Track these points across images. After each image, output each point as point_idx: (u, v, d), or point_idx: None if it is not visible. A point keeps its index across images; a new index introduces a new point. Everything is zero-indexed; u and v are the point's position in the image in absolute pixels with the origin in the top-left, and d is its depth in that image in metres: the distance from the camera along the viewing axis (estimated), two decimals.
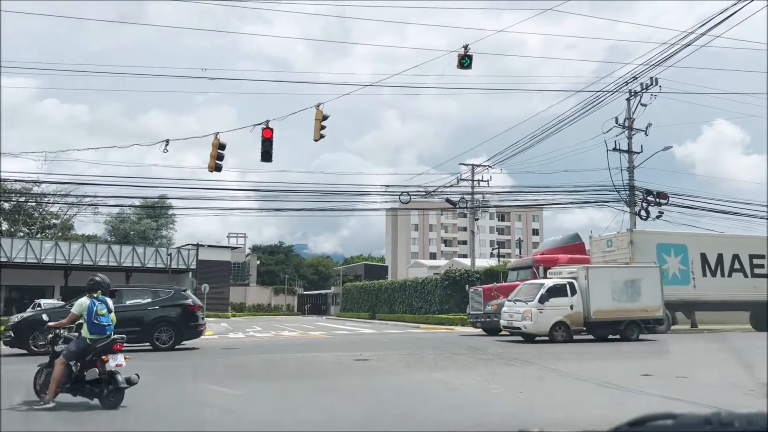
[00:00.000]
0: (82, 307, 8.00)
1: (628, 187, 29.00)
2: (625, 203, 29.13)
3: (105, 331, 8.02)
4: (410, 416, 7.25)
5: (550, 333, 18.83)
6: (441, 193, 35.40)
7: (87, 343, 7.89)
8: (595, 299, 19.47)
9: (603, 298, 19.51)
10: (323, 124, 16.78)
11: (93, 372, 7.78)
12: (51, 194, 48.33)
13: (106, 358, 7.82)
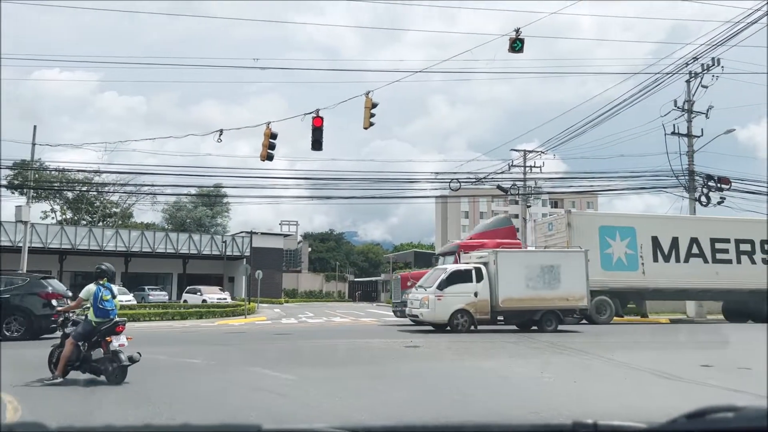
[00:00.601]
0: (89, 293, 8.73)
1: (687, 172, 27.98)
2: (685, 189, 28.14)
3: (109, 315, 8.73)
4: (461, 403, 7.21)
5: (449, 321, 17.57)
6: (492, 179, 34.94)
7: (93, 325, 8.60)
8: (505, 286, 18.02)
9: (514, 284, 18.05)
10: (372, 112, 16.77)
11: (98, 351, 8.56)
12: (111, 183, 50.05)
13: (110, 339, 8.55)
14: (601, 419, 1.37)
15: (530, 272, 18.29)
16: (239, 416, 6.40)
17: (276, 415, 6.57)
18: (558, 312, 18.31)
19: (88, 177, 46.05)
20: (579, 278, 18.58)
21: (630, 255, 22.54)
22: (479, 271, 18.22)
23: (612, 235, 22.46)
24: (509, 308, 18.09)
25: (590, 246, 21.24)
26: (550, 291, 18.22)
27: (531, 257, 19.29)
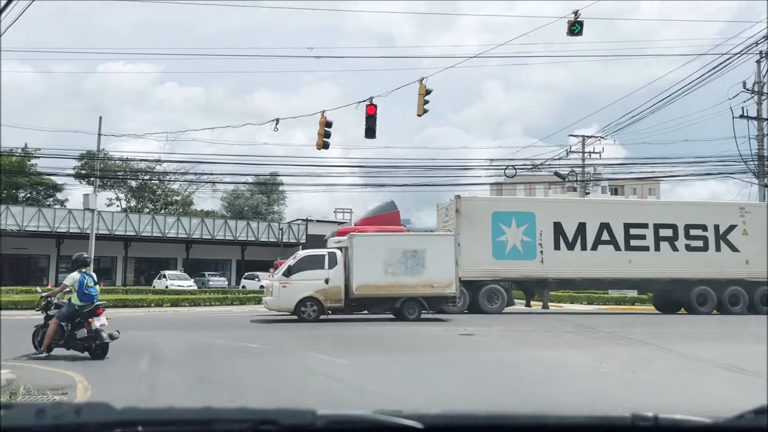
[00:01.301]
0: (73, 280, 9.74)
1: (756, 157, 26.72)
2: (754, 174, 26.88)
3: (93, 300, 9.83)
4: (516, 392, 7.15)
5: (296, 310, 16.59)
6: (549, 166, 34.28)
7: (75, 308, 9.66)
8: (360, 272, 16.83)
9: (372, 270, 16.84)
10: (426, 99, 16.67)
11: (82, 331, 9.62)
12: (172, 172, 51.55)
13: (92, 320, 9.63)
14: (661, 412, 1.32)
15: (390, 257, 17.04)
16: (295, 399, 6.53)
17: (331, 399, 6.67)
18: (421, 299, 17.12)
19: (151, 166, 47.58)
20: (446, 264, 17.23)
21: (527, 242, 20.79)
22: (333, 257, 17.12)
23: (507, 222, 20.77)
24: (365, 295, 16.98)
25: (482, 233, 20.30)
26: (413, 277, 16.99)
27: (391, 242, 17.67)
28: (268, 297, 17.03)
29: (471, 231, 20.23)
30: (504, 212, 20.96)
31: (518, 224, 20.73)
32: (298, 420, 1.22)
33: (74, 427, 1.19)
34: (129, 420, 1.23)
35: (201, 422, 1.22)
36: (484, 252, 20.28)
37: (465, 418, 1.24)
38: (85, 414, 1.21)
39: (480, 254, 20.21)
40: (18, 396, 6.85)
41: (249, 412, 1.26)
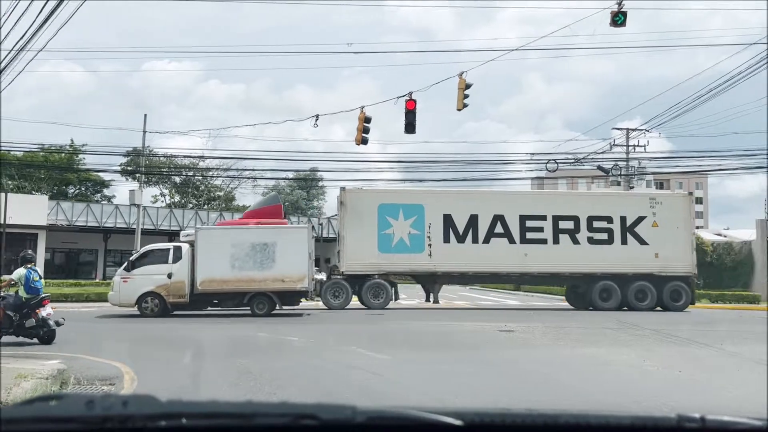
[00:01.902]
0: (20, 275, 10.79)
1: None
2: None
3: (39, 292, 10.84)
4: (558, 390, 7.07)
5: (137, 305, 16.17)
6: (592, 160, 33.67)
7: (23, 300, 10.67)
8: (205, 266, 16.36)
9: (218, 265, 16.36)
10: (466, 93, 16.55)
11: (31, 321, 10.56)
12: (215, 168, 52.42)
13: (39, 311, 10.60)
14: (709, 413, 1.29)
15: (238, 251, 16.56)
16: (335, 393, 6.58)
17: (371, 394, 6.71)
18: (271, 294, 16.69)
19: (194, 162, 48.50)
20: (299, 257, 16.71)
21: (415, 235, 20.00)
22: (178, 251, 16.75)
23: (394, 214, 19.97)
24: (211, 290, 16.58)
25: (368, 226, 19.71)
26: (262, 272, 16.52)
27: (238, 235, 17.04)
28: (111, 292, 16.83)
29: (356, 224, 19.83)
30: (391, 204, 20.24)
31: (406, 217, 20.05)
32: (338, 415, 1.23)
33: (122, 418, 1.22)
34: (173, 412, 1.26)
35: (243, 416, 1.24)
36: (369, 245, 19.73)
37: (505, 416, 1.23)
38: (132, 406, 1.25)
39: (365, 248, 19.71)
40: (68, 386, 7.09)
41: (290, 406, 1.27)
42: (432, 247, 19.98)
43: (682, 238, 20.34)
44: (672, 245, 20.20)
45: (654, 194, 21.89)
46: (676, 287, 20.01)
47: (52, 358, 8.57)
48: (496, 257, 20.09)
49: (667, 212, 20.54)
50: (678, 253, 20.21)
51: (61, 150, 44.07)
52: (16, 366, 7.44)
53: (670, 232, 20.26)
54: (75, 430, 1.21)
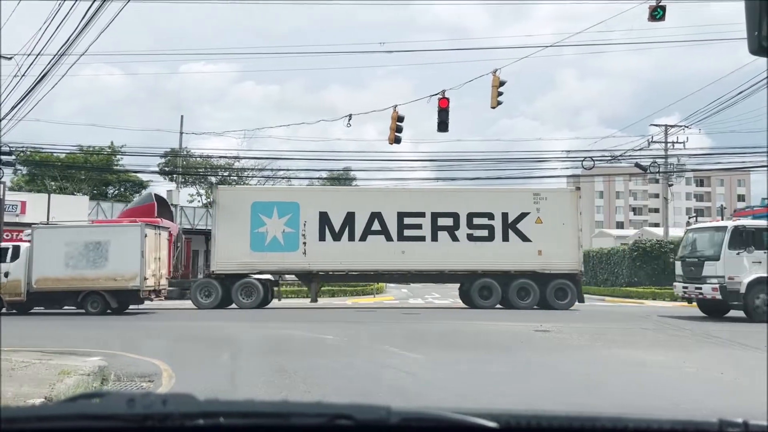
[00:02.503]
0: None
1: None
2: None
3: None
4: (595, 392, 6.96)
5: None
6: (629, 157, 33.05)
7: None
8: (40, 265, 16.50)
9: (52, 263, 16.45)
10: (500, 90, 16.42)
11: None
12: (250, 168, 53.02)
13: None
14: (752, 418, 1.25)
15: (72, 250, 16.63)
16: (369, 393, 6.60)
17: (404, 393, 6.71)
18: (104, 293, 16.70)
19: (229, 162, 49.14)
20: (131, 256, 16.62)
21: (289, 233, 19.62)
22: (16, 250, 16.98)
23: (268, 212, 19.63)
24: (46, 289, 16.70)
25: (240, 224, 19.36)
26: (95, 270, 16.54)
27: (72, 233, 17.23)
28: None
29: (228, 222, 19.55)
30: (265, 202, 19.92)
31: (280, 215, 19.67)
32: (373, 415, 1.24)
33: (161, 416, 1.25)
34: (211, 411, 1.28)
35: (279, 415, 1.26)
36: (241, 244, 19.43)
37: (541, 418, 1.22)
38: (171, 404, 1.28)
39: (236, 246, 19.41)
40: (109, 382, 7.26)
41: (325, 406, 1.28)
42: (307, 245, 19.66)
43: (567, 234, 19.65)
44: (557, 242, 19.54)
45: (539, 190, 21.11)
46: (560, 285, 19.41)
47: (93, 354, 8.79)
48: (373, 255, 19.70)
49: (552, 208, 19.85)
50: (563, 250, 19.56)
51: (100, 152, 45.11)
52: (59, 362, 7.66)
53: (555, 229, 19.61)
54: (116, 428, 1.24)
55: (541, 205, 19.77)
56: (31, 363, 7.55)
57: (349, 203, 20.18)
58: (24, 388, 6.09)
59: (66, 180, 41.13)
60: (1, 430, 1.26)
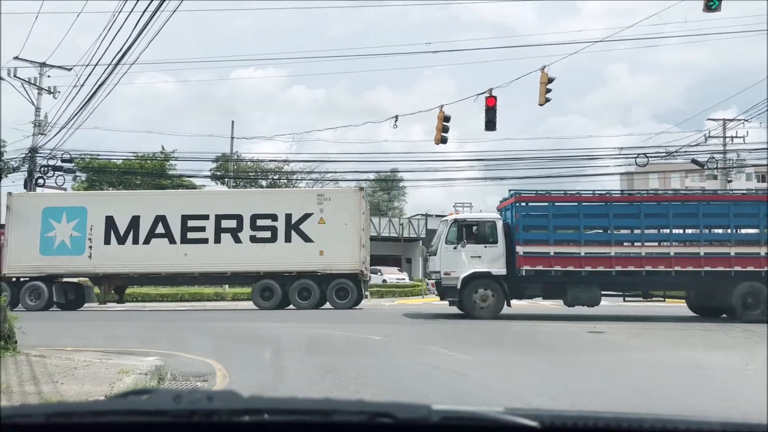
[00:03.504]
0: None
1: None
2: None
3: None
4: (648, 393, 6.77)
5: None
6: (685, 153, 32.04)
7: None
8: None
9: None
10: (549, 87, 16.18)
11: None
12: (299, 171, 53.75)
13: None
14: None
15: None
16: (418, 393, 6.59)
17: (454, 393, 6.67)
18: None
19: (279, 166, 49.93)
20: None
21: (76, 237, 19.99)
22: None
23: (57, 217, 20.02)
24: None
25: (31, 229, 19.84)
26: None
27: None
28: None
29: (20, 227, 20.07)
30: (55, 207, 20.38)
31: (69, 219, 20.10)
32: (413, 414, 1.24)
33: (207, 412, 1.28)
34: (256, 408, 1.31)
35: (321, 412, 1.27)
36: (31, 248, 19.91)
37: (584, 418, 1.19)
38: (216, 401, 1.31)
39: (27, 251, 19.89)
40: (165, 381, 7.46)
41: (366, 404, 1.29)
42: (93, 249, 20.10)
43: (349, 234, 19.70)
44: (339, 242, 19.61)
45: (323, 191, 21.95)
46: (341, 285, 19.47)
47: (150, 354, 9.06)
48: (156, 258, 19.94)
49: (335, 209, 19.93)
50: (344, 250, 19.60)
51: (154, 157, 46.47)
52: (118, 362, 7.92)
53: (337, 229, 19.68)
54: (164, 423, 1.28)
55: (325, 205, 19.98)
56: (92, 362, 7.83)
57: (134, 207, 20.59)
58: (86, 386, 6.32)
59: (123, 185, 42.53)
60: (58, 425, 1.32)
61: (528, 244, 16.00)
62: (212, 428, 1.27)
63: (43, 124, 26.01)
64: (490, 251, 16.07)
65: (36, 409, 1.46)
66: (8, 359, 7.61)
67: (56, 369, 7.18)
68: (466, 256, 16.01)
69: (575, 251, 15.90)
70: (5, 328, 8.13)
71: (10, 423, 1.30)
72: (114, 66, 13.11)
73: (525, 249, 15.91)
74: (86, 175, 42.13)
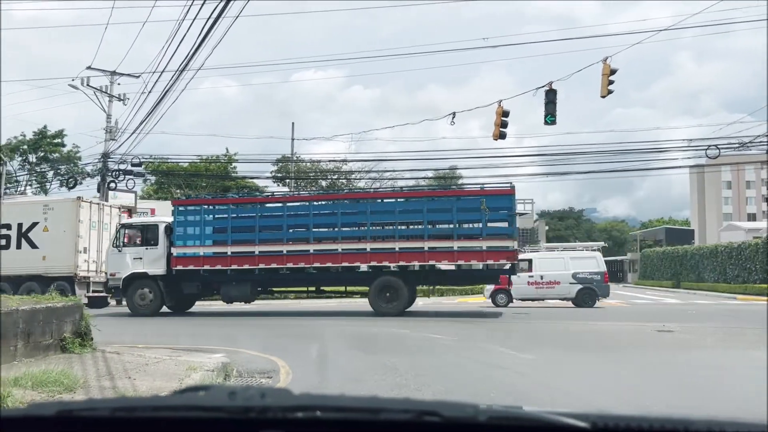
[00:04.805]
0: None
1: None
2: None
3: None
4: (719, 396, 6.50)
5: None
6: (760, 143, 30.52)
7: None
8: None
9: None
10: (611, 79, 15.74)
11: None
12: (357, 171, 54.18)
13: None
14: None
15: None
16: (478, 393, 6.54)
17: (514, 393, 6.59)
18: None
19: (338, 166, 50.47)
20: None
21: None
22: None
23: None
24: None
25: None
26: None
27: None
28: None
29: None
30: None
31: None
32: (460, 413, 1.24)
33: (261, 409, 1.32)
34: (309, 405, 1.34)
35: (369, 410, 1.29)
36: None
37: (635, 420, 1.16)
38: (269, 398, 1.35)
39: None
40: (231, 378, 7.68)
41: (413, 402, 1.30)
42: None
43: (67, 241, 20.96)
44: (59, 248, 20.91)
45: (47, 201, 23.25)
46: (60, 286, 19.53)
47: (217, 352, 9.34)
48: None
49: (58, 218, 21.34)
50: (63, 255, 20.88)
51: (217, 160, 47.79)
52: (187, 359, 8.21)
53: (58, 236, 21.09)
54: (220, 419, 1.33)
55: (49, 215, 21.46)
56: (162, 359, 8.15)
57: None
58: (156, 382, 6.60)
59: (189, 188, 43.96)
60: (122, 418, 1.39)
61: (181, 245, 17.60)
62: (265, 424, 1.31)
63: (114, 130, 27.19)
64: (151, 253, 17.81)
65: (101, 403, 1.55)
66: (87, 356, 8.02)
67: (129, 365, 7.52)
68: (129, 258, 17.87)
69: (222, 251, 17.39)
70: (82, 326, 8.56)
71: (78, 416, 1.38)
72: (179, 72, 13.57)
73: (178, 250, 17.56)
74: (155, 178, 43.76)
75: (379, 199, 18.39)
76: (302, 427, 1.31)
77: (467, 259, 16.41)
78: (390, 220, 16.96)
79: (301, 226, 17.65)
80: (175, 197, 31.82)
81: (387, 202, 17.94)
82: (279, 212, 17.70)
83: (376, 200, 18.18)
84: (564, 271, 21.48)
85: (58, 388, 5.77)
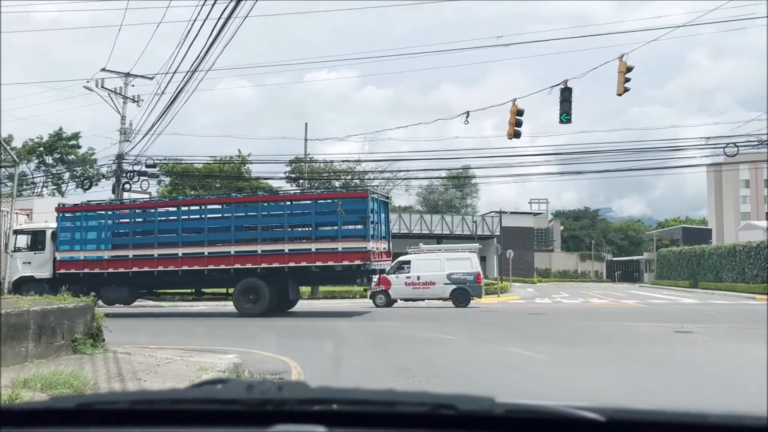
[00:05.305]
0: None
1: None
2: None
3: None
4: (737, 395, 6.43)
5: None
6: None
7: None
8: None
9: None
10: (627, 77, 15.60)
11: None
12: (371, 171, 54.20)
13: None
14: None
15: None
16: (492, 392, 6.52)
17: (528, 393, 6.56)
18: None
19: (351, 166, 50.52)
20: None
21: None
22: None
23: None
24: None
25: None
26: None
27: None
28: None
29: None
30: None
31: None
32: (476, 406, 1.24)
33: (278, 401, 1.33)
34: (325, 398, 1.35)
35: (385, 403, 1.30)
36: None
37: (649, 413, 1.16)
38: (286, 391, 1.36)
39: None
40: (243, 378, 7.71)
41: (429, 396, 1.30)
42: None
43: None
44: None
45: None
46: None
47: (229, 352, 9.37)
48: None
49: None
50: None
51: (231, 161, 47.99)
52: (198, 359, 8.24)
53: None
54: (237, 411, 1.34)
55: None
56: (173, 360, 8.17)
57: None
58: (167, 383, 6.59)
59: (203, 189, 44.18)
60: (142, 411, 1.41)
61: (65, 250, 18.10)
62: (282, 416, 1.32)
63: (128, 132, 27.38)
64: (39, 257, 18.45)
65: (121, 396, 1.57)
66: (98, 356, 8.06)
67: (140, 366, 7.53)
68: (19, 262, 18.50)
69: (100, 255, 17.86)
70: (94, 327, 8.60)
71: (98, 409, 1.40)
72: (191, 73, 13.66)
73: (61, 254, 18.10)
74: (169, 179, 44.03)
75: (244, 203, 18.51)
76: (319, 419, 1.32)
77: (325, 260, 16.65)
78: (253, 224, 17.26)
79: (171, 231, 18.01)
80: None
81: (250, 205, 18.14)
82: (151, 217, 18.32)
83: (239, 204, 18.34)
84: (440, 272, 21.46)
85: (68, 390, 5.74)
